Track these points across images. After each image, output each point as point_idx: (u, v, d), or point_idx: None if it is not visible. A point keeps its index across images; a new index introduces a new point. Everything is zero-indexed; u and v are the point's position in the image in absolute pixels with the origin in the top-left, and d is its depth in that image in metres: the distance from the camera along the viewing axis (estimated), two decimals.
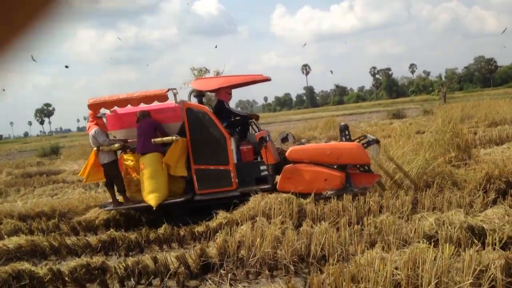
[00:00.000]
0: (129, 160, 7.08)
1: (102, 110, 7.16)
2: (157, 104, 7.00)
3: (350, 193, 6.16)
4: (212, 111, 7.21)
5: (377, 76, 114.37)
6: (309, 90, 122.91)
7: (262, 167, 6.85)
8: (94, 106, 6.98)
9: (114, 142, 7.04)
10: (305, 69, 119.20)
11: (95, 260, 4.91)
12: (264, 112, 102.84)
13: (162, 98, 6.86)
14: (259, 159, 6.92)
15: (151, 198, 6.62)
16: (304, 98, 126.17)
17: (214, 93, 8.66)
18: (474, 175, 6.67)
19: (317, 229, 4.81)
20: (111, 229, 6.41)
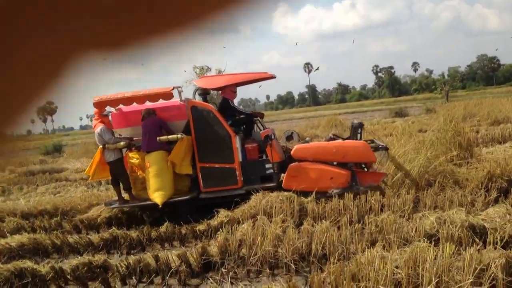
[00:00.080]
0: (134, 158, 7.08)
1: (108, 108, 7.18)
2: (162, 102, 7.01)
3: (356, 192, 6.16)
4: (217, 109, 7.22)
5: (379, 74, 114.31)
6: (311, 89, 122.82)
7: (267, 165, 6.84)
8: (99, 104, 6.98)
9: (119, 140, 7.04)
10: (308, 67, 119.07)
11: (97, 258, 4.93)
12: (266, 111, 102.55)
13: (167, 96, 6.87)
14: (264, 157, 6.93)
15: (157, 196, 6.62)
16: (306, 97, 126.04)
17: (219, 91, 8.64)
18: (476, 173, 6.66)
19: (318, 227, 4.82)
20: (113, 227, 6.44)
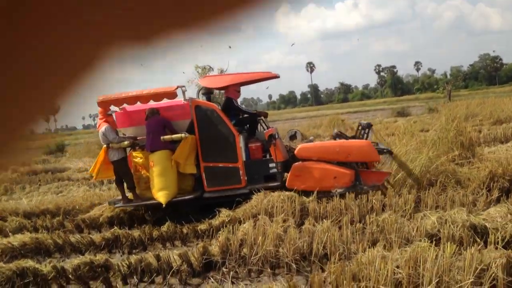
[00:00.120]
0: (138, 157, 7.09)
1: (112, 107, 7.19)
2: (166, 102, 7.01)
3: (359, 191, 6.15)
4: (220, 108, 7.22)
5: (382, 73, 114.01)
6: (313, 88, 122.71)
7: (271, 165, 6.85)
8: (103, 104, 6.99)
9: (123, 139, 7.05)
10: (310, 67, 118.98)
11: (98, 257, 4.94)
12: (269, 110, 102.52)
13: (171, 95, 6.88)
14: (267, 157, 6.93)
15: (161, 196, 6.63)
16: (309, 96, 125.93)
17: (222, 90, 8.65)
18: (477, 173, 6.64)
19: (319, 227, 4.82)
20: (115, 227, 6.46)
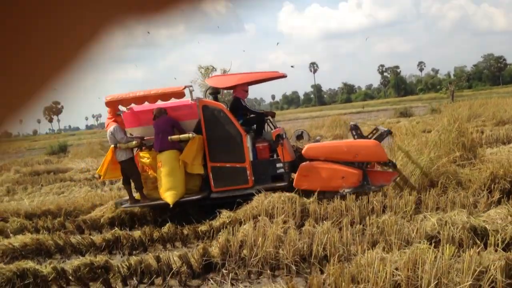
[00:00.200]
0: (145, 157, 7.09)
1: (120, 107, 7.21)
2: (173, 102, 7.01)
3: (367, 191, 6.15)
4: (228, 108, 7.22)
5: (385, 74, 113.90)
6: (316, 88, 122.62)
7: (278, 165, 6.84)
8: (111, 104, 7.01)
9: (131, 139, 7.04)
10: (313, 67, 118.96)
11: (98, 259, 4.95)
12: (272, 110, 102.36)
13: (179, 95, 6.89)
14: (275, 157, 6.92)
15: (168, 196, 6.62)
16: (312, 96, 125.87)
17: (230, 90, 8.65)
18: (478, 174, 6.60)
19: (319, 228, 4.81)
20: (116, 228, 6.47)
